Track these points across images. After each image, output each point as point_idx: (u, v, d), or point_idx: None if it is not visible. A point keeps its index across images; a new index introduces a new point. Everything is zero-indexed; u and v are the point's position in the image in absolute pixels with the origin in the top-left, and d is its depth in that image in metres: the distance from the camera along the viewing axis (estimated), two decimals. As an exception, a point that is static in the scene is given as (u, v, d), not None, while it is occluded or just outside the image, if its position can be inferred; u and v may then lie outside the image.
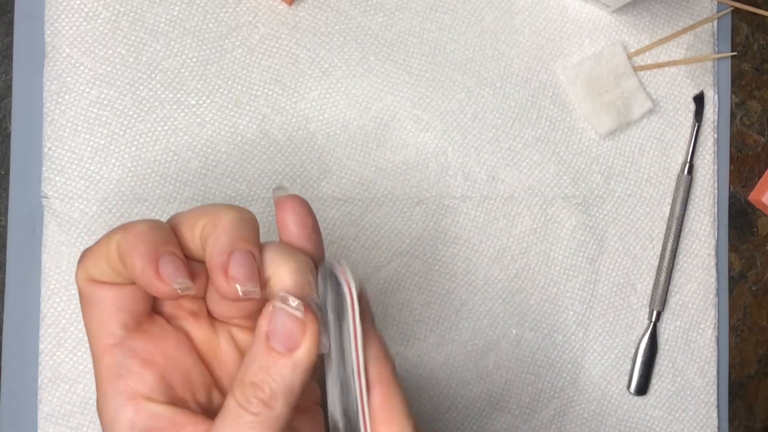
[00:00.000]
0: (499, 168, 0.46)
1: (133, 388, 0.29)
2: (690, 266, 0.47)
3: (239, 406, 0.27)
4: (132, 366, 0.29)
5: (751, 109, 0.49)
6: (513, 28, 0.46)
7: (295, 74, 0.44)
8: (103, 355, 0.29)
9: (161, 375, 0.29)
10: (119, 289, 0.29)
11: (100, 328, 0.29)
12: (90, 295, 0.29)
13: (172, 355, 0.30)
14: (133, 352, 0.29)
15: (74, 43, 0.43)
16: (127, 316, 0.29)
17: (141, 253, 0.27)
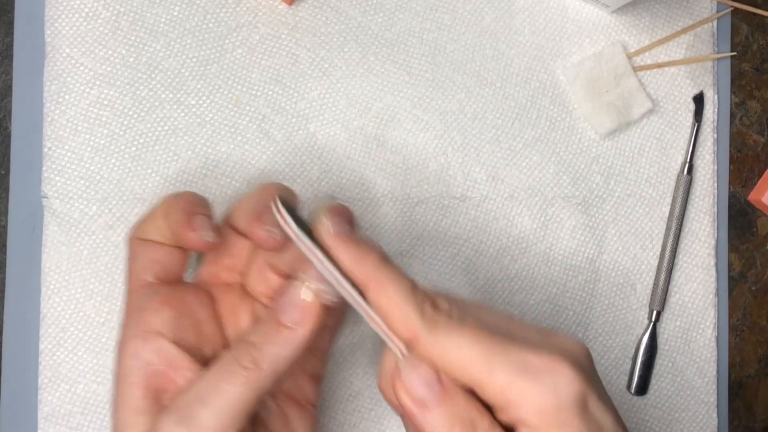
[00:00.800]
0: (499, 168, 0.46)
1: (148, 322, 0.33)
2: (690, 266, 0.47)
3: (232, 357, 0.31)
4: (151, 303, 0.33)
5: (750, 109, 0.49)
6: (513, 28, 0.46)
7: (295, 74, 0.44)
8: (132, 294, 0.34)
9: (176, 316, 0.33)
10: (158, 247, 0.34)
11: (135, 274, 0.34)
12: (135, 249, 0.35)
13: (191, 304, 0.34)
14: (156, 293, 0.34)
15: (74, 43, 0.43)
16: (160, 268, 0.34)
17: (181, 209, 0.33)
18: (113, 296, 0.42)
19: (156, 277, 0.34)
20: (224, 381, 0.30)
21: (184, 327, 0.33)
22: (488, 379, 0.28)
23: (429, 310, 0.30)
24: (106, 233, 0.42)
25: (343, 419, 0.44)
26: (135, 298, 0.34)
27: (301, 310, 0.31)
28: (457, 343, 0.29)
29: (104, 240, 0.42)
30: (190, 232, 0.33)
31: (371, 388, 0.44)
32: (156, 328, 0.33)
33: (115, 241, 0.42)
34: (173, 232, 0.34)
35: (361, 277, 0.30)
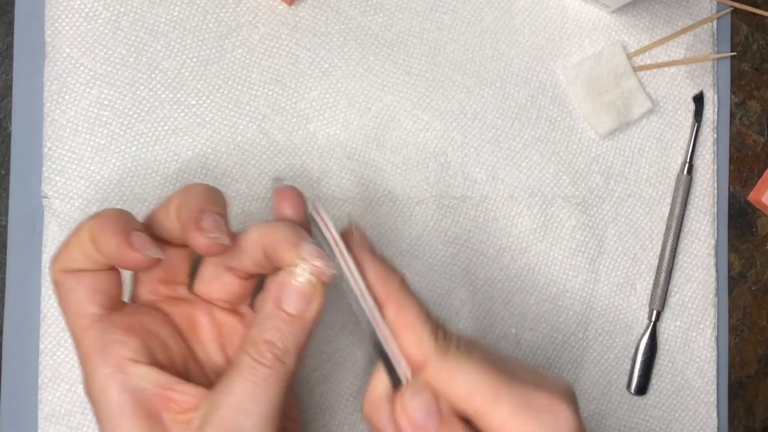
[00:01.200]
0: (499, 168, 0.46)
1: (120, 354, 0.31)
2: (690, 266, 0.47)
3: (255, 360, 0.30)
4: (115, 335, 0.31)
5: (750, 109, 0.49)
6: (513, 28, 0.46)
7: (295, 74, 0.44)
8: (85, 333, 0.32)
9: (143, 341, 0.32)
10: (93, 274, 0.32)
11: (78, 311, 0.32)
12: (65, 285, 0.32)
13: (149, 325, 0.33)
14: (114, 324, 0.32)
15: (74, 43, 0.43)
16: (104, 297, 0.32)
17: (112, 230, 0.31)
18: (113, 296, 0.42)
19: (103, 308, 0.32)
20: (256, 386, 0.30)
21: (155, 349, 0.32)
22: (492, 409, 0.29)
23: (441, 337, 0.31)
24: (106, 233, 0.42)
25: (343, 419, 0.44)
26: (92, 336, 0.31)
27: (307, 295, 0.31)
28: (465, 371, 0.29)
29: (104, 240, 0.42)
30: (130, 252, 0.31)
31: (371, 388, 0.44)
32: (130, 356, 0.31)
33: (115, 241, 0.42)
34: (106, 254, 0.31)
35: (383, 295, 0.31)
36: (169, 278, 0.35)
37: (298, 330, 0.31)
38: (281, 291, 0.31)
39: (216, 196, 0.33)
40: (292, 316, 0.31)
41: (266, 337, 0.31)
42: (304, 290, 0.31)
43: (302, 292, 0.31)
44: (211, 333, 0.35)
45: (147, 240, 0.31)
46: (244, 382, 0.30)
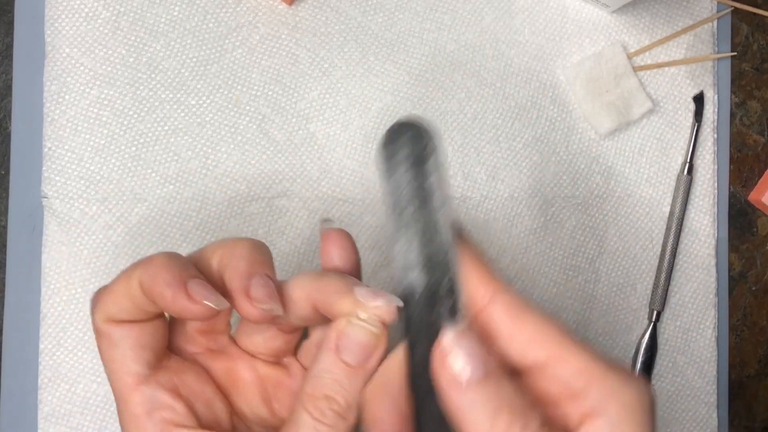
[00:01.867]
0: (499, 168, 0.46)
1: (168, 419, 0.29)
2: (690, 266, 0.47)
3: (314, 419, 0.28)
4: (163, 399, 0.30)
5: (751, 109, 0.49)
6: (513, 28, 0.46)
7: (295, 74, 0.44)
8: (132, 395, 0.30)
9: (189, 403, 0.30)
10: (140, 327, 0.30)
11: (123, 368, 0.30)
12: (110, 336, 0.30)
13: (194, 386, 0.31)
14: (160, 386, 0.30)
15: (74, 43, 0.43)
16: (150, 354, 0.30)
17: (167, 281, 0.28)
18: (113, 296, 0.42)
19: (149, 367, 0.30)
20: None
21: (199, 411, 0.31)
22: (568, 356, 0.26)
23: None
24: (106, 233, 0.42)
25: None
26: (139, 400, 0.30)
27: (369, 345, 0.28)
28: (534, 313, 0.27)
29: (104, 240, 0.42)
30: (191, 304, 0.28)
31: (371, 388, 0.44)
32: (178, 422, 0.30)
33: (115, 241, 0.42)
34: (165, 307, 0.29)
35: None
36: (209, 328, 0.33)
37: (360, 383, 0.28)
38: (341, 341, 0.28)
39: (262, 254, 0.31)
40: (353, 368, 0.28)
41: (326, 393, 0.28)
42: (366, 340, 0.28)
43: (364, 342, 0.28)
44: (254, 387, 0.33)
45: (207, 288, 0.29)
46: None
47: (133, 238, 0.43)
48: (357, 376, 0.28)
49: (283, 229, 0.44)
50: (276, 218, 0.44)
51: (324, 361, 0.29)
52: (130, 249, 0.43)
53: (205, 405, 0.31)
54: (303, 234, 0.44)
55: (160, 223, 0.43)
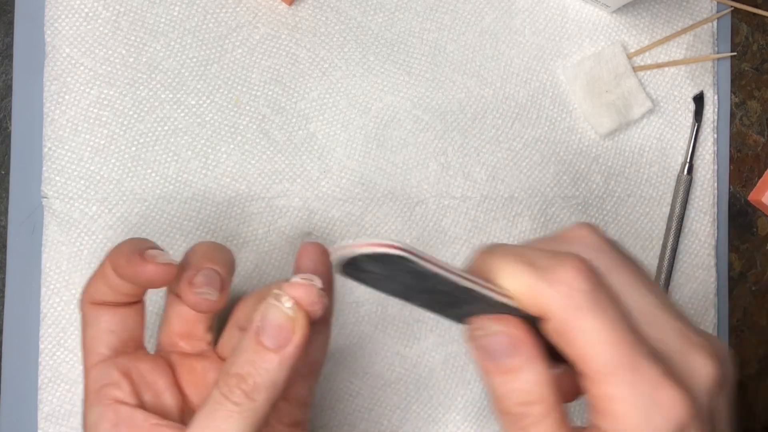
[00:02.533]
0: (499, 168, 0.46)
1: (111, 395, 0.32)
2: (690, 266, 0.47)
3: (222, 395, 0.29)
4: (112, 377, 0.33)
5: (750, 109, 0.49)
6: (513, 28, 0.46)
7: (295, 74, 0.44)
8: (91, 371, 0.33)
9: (135, 387, 0.33)
10: (113, 312, 0.34)
11: (90, 348, 0.34)
12: (88, 316, 0.34)
13: (147, 375, 0.34)
14: (114, 366, 0.33)
15: (74, 43, 0.43)
16: (115, 339, 0.34)
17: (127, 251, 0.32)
18: (113, 296, 0.42)
19: (112, 350, 0.33)
20: (220, 422, 0.29)
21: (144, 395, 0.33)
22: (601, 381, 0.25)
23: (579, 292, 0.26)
24: (106, 233, 0.42)
25: (342, 419, 0.44)
26: (94, 376, 0.33)
27: (284, 329, 0.29)
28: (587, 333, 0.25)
29: (104, 240, 0.42)
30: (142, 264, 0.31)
31: (371, 388, 0.44)
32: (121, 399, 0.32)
33: (116, 241, 0.42)
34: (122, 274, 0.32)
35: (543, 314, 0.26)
36: (187, 333, 0.36)
37: (273, 366, 0.28)
38: (261, 323, 0.29)
39: (219, 254, 0.34)
40: (268, 349, 0.29)
41: (237, 371, 0.29)
42: (281, 322, 0.29)
43: (279, 323, 0.28)
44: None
45: (158, 252, 0.32)
46: (207, 416, 0.29)
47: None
48: (271, 359, 0.29)
49: (283, 229, 0.44)
50: (276, 218, 0.44)
51: (244, 341, 0.29)
52: (130, 249, 0.43)
53: (153, 394, 0.33)
54: (303, 234, 0.44)
55: (160, 223, 0.43)
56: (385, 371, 0.44)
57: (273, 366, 0.29)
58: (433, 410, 0.44)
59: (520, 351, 0.26)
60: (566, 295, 0.25)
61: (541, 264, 0.26)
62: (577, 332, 0.25)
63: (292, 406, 0.35)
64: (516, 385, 0.26)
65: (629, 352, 0.25)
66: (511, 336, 0.26)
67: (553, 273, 0.25)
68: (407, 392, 0.44)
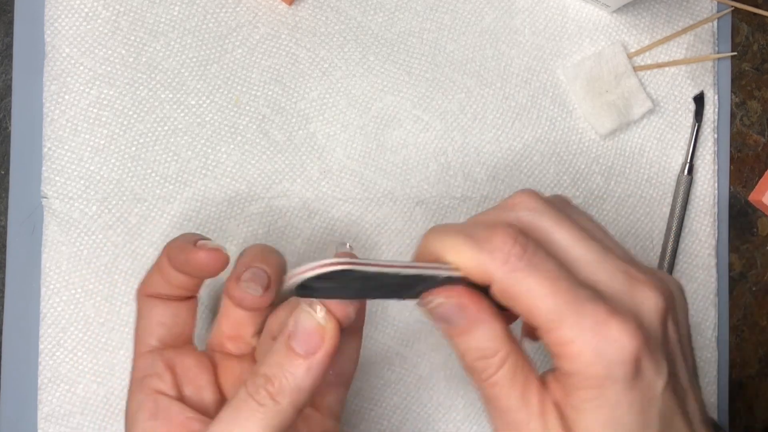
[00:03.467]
0: (500, 168, 0.46)
1: (153, 386, 0.33)
2: (690, 266, 0.47)
3: (248, 393, 0.29)
4: (157, 368, 0.34)
5: (751, 109, 0.49)
6: (513, 28, 0.46)
7: (295, 74, 0.44)
8: (138, 360, 0.34)
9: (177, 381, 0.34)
10: (165, 306, 0.35)
11: (141, 338, 0.35)
12: (142, 308, 0.35)
13: (190, 371, 0.35)
14: (161, 358, 0.34)
15: (74, 43, 0.43)
16: (165, 332, 0.35)
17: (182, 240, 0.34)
18: (113, 296, 0.42)
19: (161, 342, 0.35)
20: (242, 419, 0.29)
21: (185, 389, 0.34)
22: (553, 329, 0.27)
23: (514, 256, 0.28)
24: (106, 233, 0.42)
25: (343, 419, 0.44)
26: (138, 366, 0.34)
27: (314, 335, 0.29)
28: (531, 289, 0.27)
29: (104, 240, 0.42)
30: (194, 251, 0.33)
31: (371, 388, 0.44)
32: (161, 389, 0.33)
33: (115, 241, 0.42)
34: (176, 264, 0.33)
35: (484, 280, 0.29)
36: (235, 335, 0.36)
37: (301, 371, 0.29)
38: (293, 328, 0.30)
39: (267, 255, 0.35)
40: (297, 354, 0.29)
41: (265, 372, 0.29)
42: (311, 327, 0.29)
43: (311, 331, 0.29)
44: None
45: (210, 241, 0.33)
46: (230, 412, 0.29)
47: (133, 238, 0.43)
48: (299, 365, 0.29)
49: (283, 229, 0.44)
50: (276, 218, 0.44)
51: (276, 344, 0.30)
52: (130, 249, 0.43)
53: (194, 389, 0.34)
54: (303, 234, 0.44)
55: (160, 223, 0.43)
56: (385, 371, 0.44)
57: (300, 371, 0.29)
58: (433, 410, 0.44)
59: (468, 313, 0.29)
60: (503, 260, 0.28)
61: (478, 236, 0.28)
62: (519, 291, 0.28)
63: (323, 416, 0.36)
64: (472, 343, 0.29)
65: (571, 298, 0.27)
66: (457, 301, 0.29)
67: (489, 242, 0.28)
68: (407, 392, 0.44)
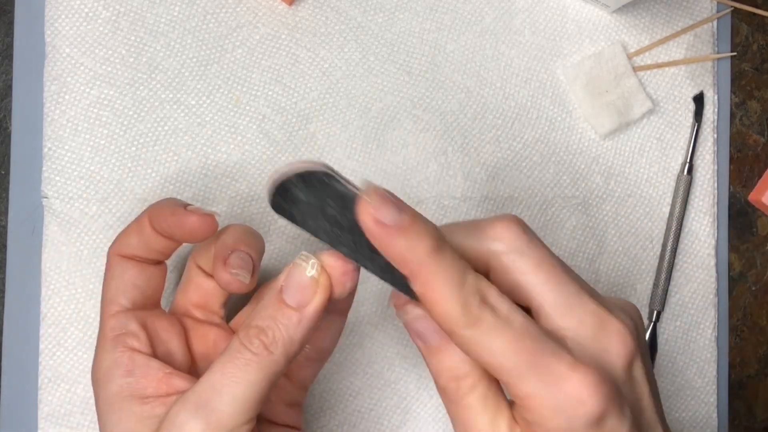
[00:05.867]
0: (499, 168, 0.46)
1: (129, 344, 0.34)
2: (690, 266, 0.47)
3: (241, 344, 0.30)
4: (131, 327, 0.34)
5: (750, 109, 0.49)
6: (513, 28, 0.46)
7: (295, 74, 0.44)
8: (109, 320, 0.34)
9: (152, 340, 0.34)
10: (140, 268, 0.35)
11: (111, 298, 0.35)
12: (113, 269, 0.35)
13: (162, 333, 0.35)
14: (134, 318, 0.34)
15: (74, 43, 0.43)
16: (138, 294, 0.35)
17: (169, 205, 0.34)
18: (113, 296, 0.42)
19: (133, 303, 0.35)
20: (237, 368, 0.30)
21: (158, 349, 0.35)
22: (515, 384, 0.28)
23: (475, 307, 0.27)
24: (106, 233, 0.42)
25: (343, 419, 0.44)
26: (110, 324, 0.34)
27: (307, 289, 0.30)
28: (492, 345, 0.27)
29: (104, 240, 0.42)
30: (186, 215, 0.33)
31: (371, 388, 0.44)
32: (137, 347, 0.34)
33: (115, 241, 0.42)
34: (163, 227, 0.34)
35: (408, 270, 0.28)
36: (203, 304, 0.37)
37: (293, 322, 0.30)
38: (286, 281, 0.30)
39: (252, 238, 0.35)
40: (289, 307, 0.30)
41: (258, 323, 0.30)
42: (306, 283, 0.30)
43: (304, 285, 0.30)
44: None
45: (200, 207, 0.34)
46: (224, 363, 0.30)
47: (133, 238, 0.43)
48: (291, 316, 0.30)
49: (283, 229, 0.44)
50: (276, 218, 0.44)
51: (267, 297, 0.31)
52: (130, 249, 0.43)
53: (166, 350, 0.35)
54: (303, 234, 0.44)
55: (160, 223, 0.43)
56: (385, 371, 0.44)
57: (292, 322, 0.30)
58: (433, 410, 0.45)
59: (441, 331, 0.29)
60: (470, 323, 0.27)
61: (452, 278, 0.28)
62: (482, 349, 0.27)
63: (294, 387, 0.37)
64: (445, 362, 0.29)
65: (533, 354, 0.27)
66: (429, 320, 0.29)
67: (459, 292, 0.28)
68: (407, 392, 0.44)
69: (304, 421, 0.43)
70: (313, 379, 0.37)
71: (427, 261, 0.27)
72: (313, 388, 0.43)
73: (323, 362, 0.37)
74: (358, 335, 0.44)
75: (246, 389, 0.30)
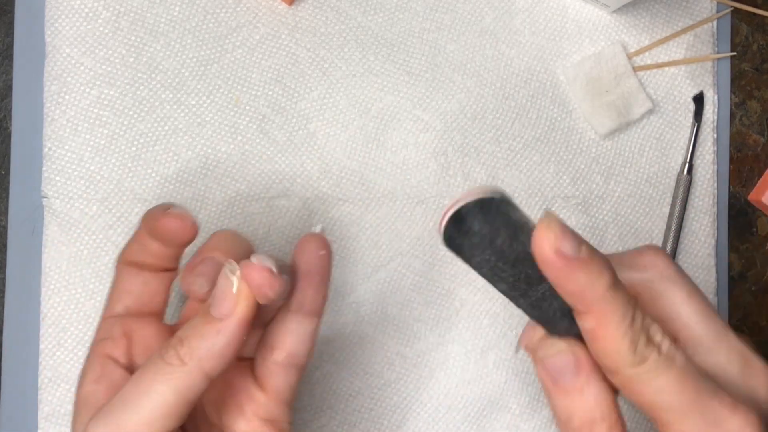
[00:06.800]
0: (499, 168, 0.46)
1: (106, 350, 0.33)
2: (690, 266, 0.47)
3: (158, 354, 0.29)
4: (113, 332, 0.33)
5: (750, 109, 0.49)
6: (513, 28, 0.46)
7: (295, 74, 0.44)
8: (99, 324, 0.34)
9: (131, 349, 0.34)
10: (136, 274, 0.34)
11: (110, 304, 0.34)
12: (117, 275, 0.35)
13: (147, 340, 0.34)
14: (120, 324, 0.34)
15: (74, 43, 0.43)
16: (132, 300, 0.34)
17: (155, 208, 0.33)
18: (113, 296, 0.42)
19: (126, 309, 0.34)
20: (149, 380, 0.29)
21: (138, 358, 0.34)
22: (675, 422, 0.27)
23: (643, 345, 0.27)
24: (106, 233, 0.42)
25: (342, 419, 0.44)
26: (98, 328, 0.34)
27: (227, 300, 0.29)
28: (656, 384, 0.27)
29: (104, 240, 0.42)
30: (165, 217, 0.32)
31: (371, 388, 0.44)
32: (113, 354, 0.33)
33: (115, 241, 0.42)
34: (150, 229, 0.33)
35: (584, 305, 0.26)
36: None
37: (211, 333, 0.29)
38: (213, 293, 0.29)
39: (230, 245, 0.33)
40: (212, 318, 0.29)
41: (179, 334, 0.29)
42: (228, 294, 0.29)
43: (225, 295, 0.29)
44: None
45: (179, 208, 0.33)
46: (139, 374, 0.29)
47: (133, 238, 0.43)
48: (209, 328, 0.29)
49: (283, 229, 0.44)
50: (276, 218, 0.44)
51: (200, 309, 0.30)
52: (130, 249, 0.43)
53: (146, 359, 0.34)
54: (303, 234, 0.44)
55: (160, 223, 0.43)
56: (385, 371, 0.44)
57: (211, 333, 0.29)
58: (433, 410, 0.45)
59: (583, 370, 0.28)
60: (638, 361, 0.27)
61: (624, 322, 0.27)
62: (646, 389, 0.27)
63: (269, 400, 0.33)
64: (580, 404, 0.28)
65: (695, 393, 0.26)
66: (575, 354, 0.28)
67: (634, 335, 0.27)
68: (407, 392, 0.44)
69: (304, 421, 0.43)
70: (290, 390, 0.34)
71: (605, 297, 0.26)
72: (313, 388, 0.43)
73: (300, 369, 0.34)
74: (358, 335, 0.44)
75: (156, 403, 0.28)
